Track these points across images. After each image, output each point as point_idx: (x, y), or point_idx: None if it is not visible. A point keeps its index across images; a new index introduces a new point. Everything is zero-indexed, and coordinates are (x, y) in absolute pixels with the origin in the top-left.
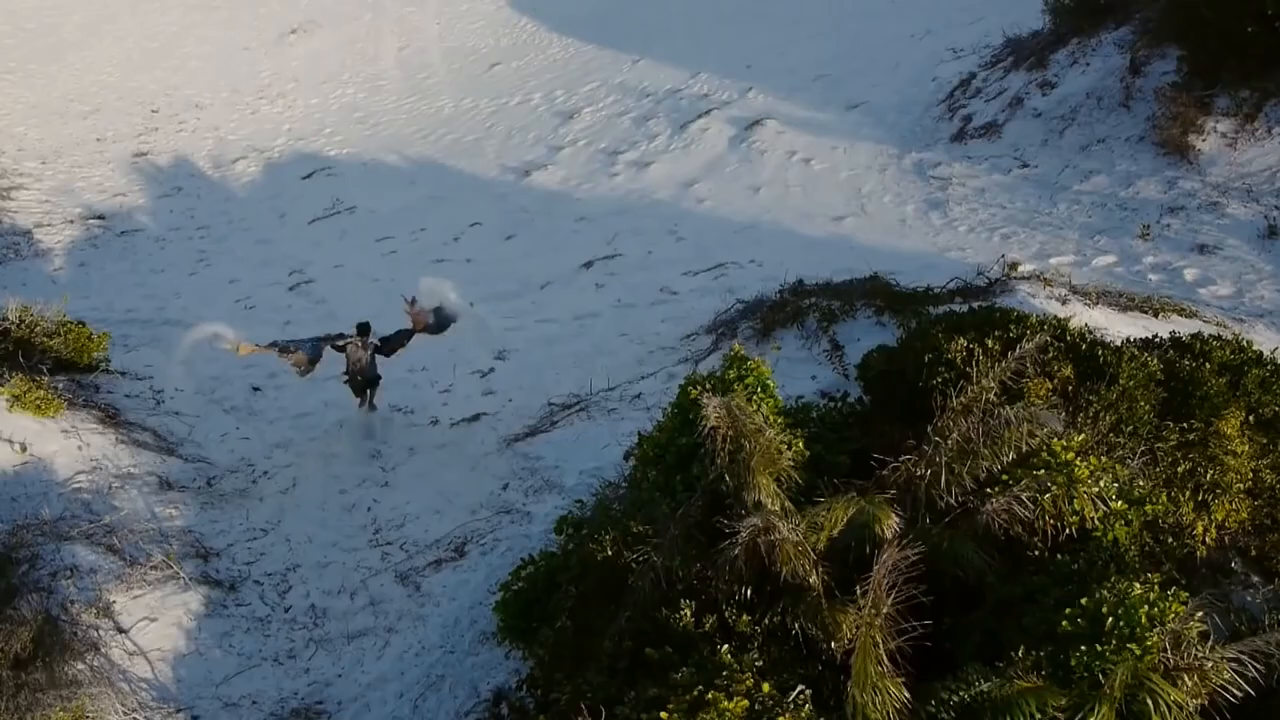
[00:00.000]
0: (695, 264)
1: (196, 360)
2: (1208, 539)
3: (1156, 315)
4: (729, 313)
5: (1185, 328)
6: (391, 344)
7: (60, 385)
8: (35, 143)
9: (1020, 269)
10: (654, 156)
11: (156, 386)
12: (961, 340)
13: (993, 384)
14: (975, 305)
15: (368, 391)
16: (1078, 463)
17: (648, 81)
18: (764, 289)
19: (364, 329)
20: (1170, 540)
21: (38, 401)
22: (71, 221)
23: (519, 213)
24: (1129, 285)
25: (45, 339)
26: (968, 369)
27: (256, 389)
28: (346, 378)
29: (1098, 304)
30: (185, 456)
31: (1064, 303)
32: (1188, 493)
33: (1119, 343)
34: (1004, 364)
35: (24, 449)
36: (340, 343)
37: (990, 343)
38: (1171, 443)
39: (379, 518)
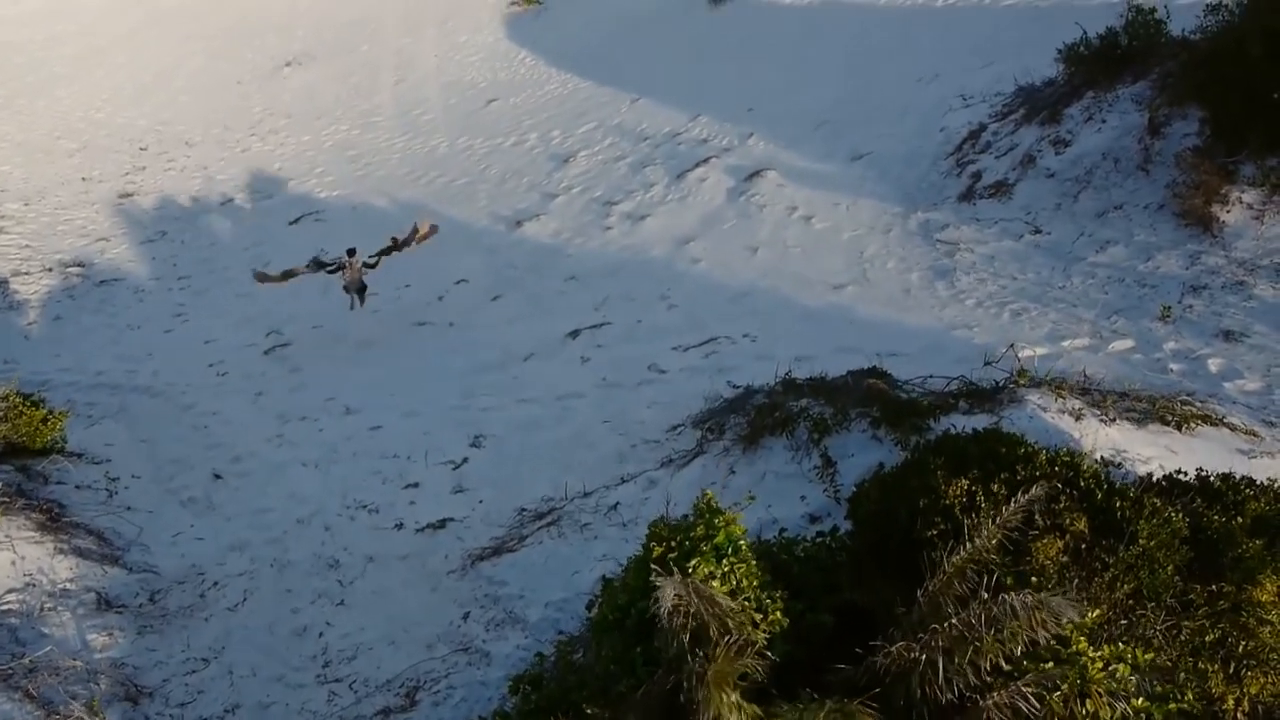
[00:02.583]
0: (686, 336)
1: (161, 439)
2: (1240, 713)
3: (1180, 428)
4: (717, 404)
5: (1212, 445)
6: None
7: (2, 480)
8: (20, 183)
9: (1029, 373)
10: (650, 208)
11: (112, 473)
12: (962, 482)
13: (993, 539)
14: (978, 428)
15: (358, 296)
16: (1090, 653)
17: (646, 123)
18: (756, 370)
19: (352, 252)
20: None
21: None
22: (50, 269)
23: (508, 269)
24: (1148, 374)
25: None
26: (967, 519)
27: (218, 476)
28: (345, 286)
29: (1114, 420)
30: (130, 566)
31: (1078, 418)
32: (1217, 664)
33: (1140, 478)
34: (1005, 514)
35: None
36: (332, 268)
37: (995, 486)
38: (1199, 615)
39: (330, 646)
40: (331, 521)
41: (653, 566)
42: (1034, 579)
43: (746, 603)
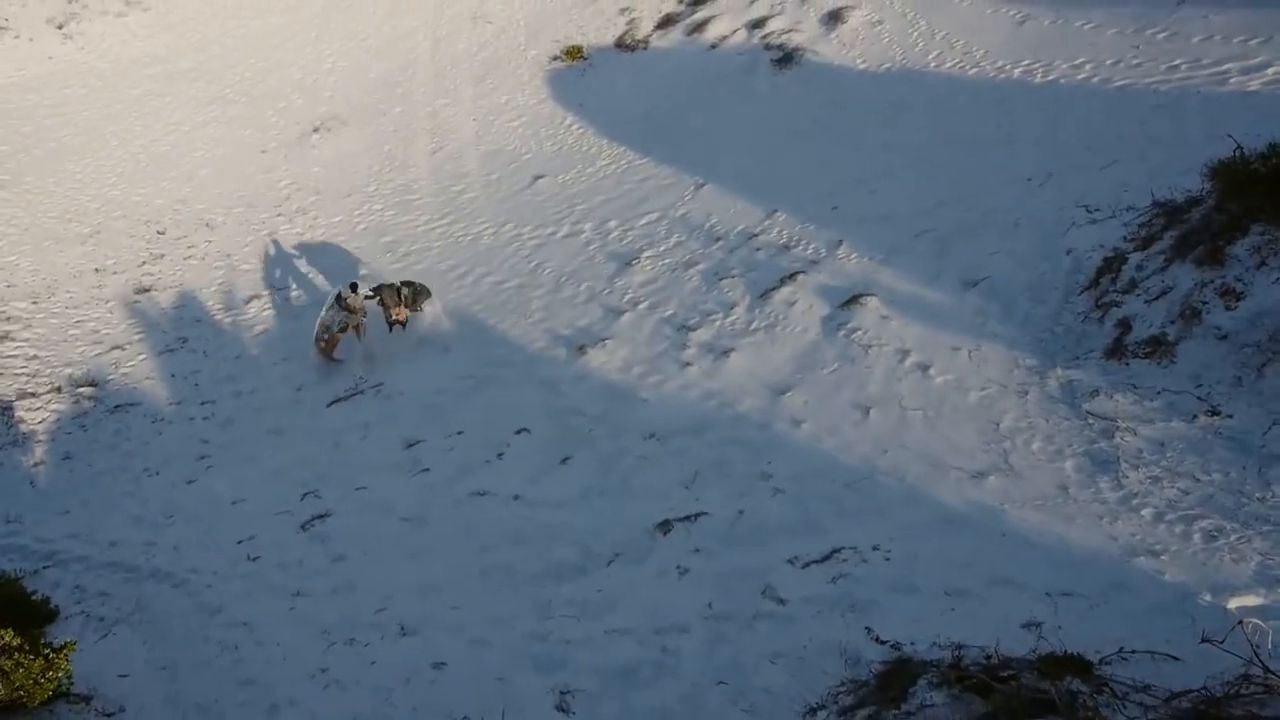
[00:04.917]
0: (803, 542)
1: (184, 665)
2: None
3: None
4: (864, 676)
5: None
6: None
7: None
8: (28, 276)
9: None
10: (733, 339)
11: None
12: None
13: None
14: None
15: (360, 328)
16: None
17: (716, 217)
18: (898, 611)
19: (354, 287)
20: None
21: None
22: (59, 390)
23: (574, 416)
24: None
25: None
26: None
27: None
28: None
29: None
30: None
31: None
32: None
33: None
34: None
35: None
36: (343, 298)
37: None
38: None
39: None
40: None
41: None
42: None
43: None
